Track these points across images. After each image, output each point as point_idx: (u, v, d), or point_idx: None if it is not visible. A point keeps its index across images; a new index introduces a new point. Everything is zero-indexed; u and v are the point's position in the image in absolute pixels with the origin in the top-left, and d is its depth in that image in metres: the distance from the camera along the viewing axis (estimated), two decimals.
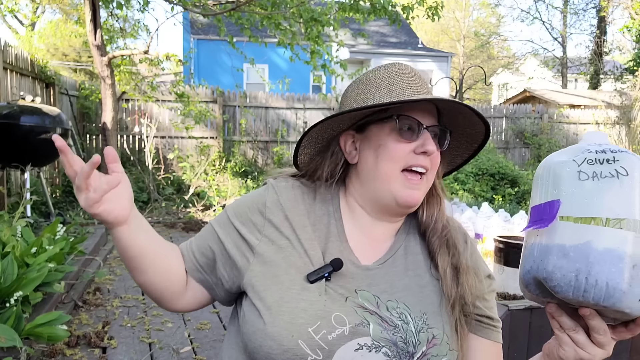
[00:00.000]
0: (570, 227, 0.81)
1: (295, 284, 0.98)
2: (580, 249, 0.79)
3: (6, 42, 6.72)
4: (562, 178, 0.84)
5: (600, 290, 0.77)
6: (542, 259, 0.83)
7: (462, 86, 26.11)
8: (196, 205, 8.65)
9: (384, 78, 1.06)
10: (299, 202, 1.08)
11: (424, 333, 0.98)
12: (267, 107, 11.18)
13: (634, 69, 15.01)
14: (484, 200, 9.05)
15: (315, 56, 8.16)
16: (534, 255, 0.85)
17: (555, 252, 0.81)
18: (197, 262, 1.11)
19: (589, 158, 0.84)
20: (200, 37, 16.61)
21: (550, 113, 12.65)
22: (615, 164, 0.82)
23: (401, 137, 1.02)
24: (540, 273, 0.82)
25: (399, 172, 1.02)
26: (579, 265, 0.78)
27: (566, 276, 0.79)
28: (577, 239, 0.80)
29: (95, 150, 10.00)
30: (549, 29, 32.60)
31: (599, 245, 0.78)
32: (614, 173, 0.81)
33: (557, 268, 0.80)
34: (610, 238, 0.78)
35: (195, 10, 7.72)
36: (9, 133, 5.70)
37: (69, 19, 21.92)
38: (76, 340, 3.33)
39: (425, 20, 8.12)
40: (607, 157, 0.83)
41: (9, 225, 3.99)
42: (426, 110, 1.04)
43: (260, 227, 1.05)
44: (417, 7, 7.63)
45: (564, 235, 0.81)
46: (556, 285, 0.80)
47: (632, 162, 0.82)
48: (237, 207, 1.11)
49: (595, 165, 0.83)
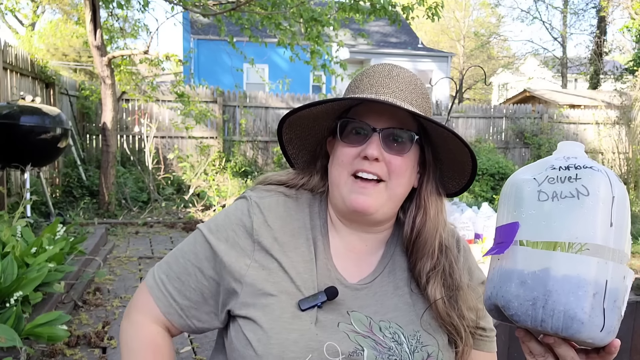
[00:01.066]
0: (528, 252, 0.75)
1: (286, 312, 0.94)
2: (538, 276, 0.73)
3: (6, 42, 6.72)
4: (522, 199, 0.78)
5: (558, 321, 0.71)
6: (501, 286, 0.77)
7: (462, 86, 26.13)
8: (196, 205, 8.65)
9: (357, 77, 1.03)
10: (286, 220, 1.03)
11: (418, 353, 0.96)
12: (267, 107, 11.18)
13: (634, 69, 15.00)
14: (484, 200, 9.05)
15: (315, 56, 8.16)
16: (494, 281, 0.79)
17: (514, 278, 0.75)
18: (179, 309, 1.03)
19: (551, 176, 0.77)
20: (200, 37, 16.61)
21: (550, 113, 12.65)
22: (577, 182, 0.74)
23: (347, 141, 0.98)
24: (499, 300, 0.77)
25: (347, 177, 0.98)
26: (536, 293, 0.72)
27: (523, 305, 0.73)
28: (535, 266, 0.74)
29: (95, 151, 10.00)
30: (549, 29, 32.60)
31: (558, 273, 0.72)
32: (575, 193, 0.73)
33: (515, 296, 0.74)
34: (569, 264, 0.71)
35: (195, 10, 7.72)
36: (9, 133, 5.70)
37: (69, 19, 21.92)
38: (76, 340, 3.33)
39: (425, 20, 8.12)
40: (569, 174, 0.75)
41: (9, 225, 3.99)
42: (384, 113, 0.98)
43: (249, 252, 0.99)
44: (417, 7, 7.63)
45: (522, 261, 0.75)
46: (514, 314, 0.75)
47: (595, 180, 0.73)
48: (219, 230, 1.03)
49: (556, 184, 0.75)
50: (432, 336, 0.98)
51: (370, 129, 0.96)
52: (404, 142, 0.98)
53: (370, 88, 0.98)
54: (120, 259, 5.56)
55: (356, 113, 0.99)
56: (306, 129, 1.07)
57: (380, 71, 1.01)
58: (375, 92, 0.98)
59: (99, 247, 5.65)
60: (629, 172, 11.51)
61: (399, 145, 0.98)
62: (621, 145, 11.65)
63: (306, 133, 1.08)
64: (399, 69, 1.02)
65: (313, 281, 0.98)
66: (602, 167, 0.76)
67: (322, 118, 1.05)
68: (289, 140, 1.10)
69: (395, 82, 0.99)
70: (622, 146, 11.65)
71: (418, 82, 1.02)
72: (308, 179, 1.08)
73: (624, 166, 11.64)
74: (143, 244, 6.47)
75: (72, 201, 8.39)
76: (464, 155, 1.00)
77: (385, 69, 1.01)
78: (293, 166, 1.14)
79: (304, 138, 1.10)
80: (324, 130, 1.08)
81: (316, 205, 1.07)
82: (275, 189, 1.07)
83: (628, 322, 2.46)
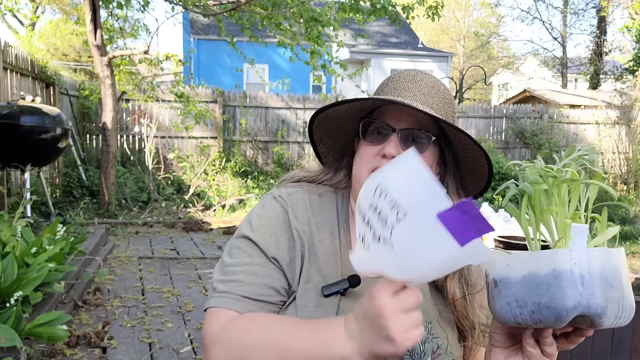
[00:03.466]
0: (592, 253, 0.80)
1: (310, 300, 0.98)
2: (613, 272, 0.78)
3: (6, 42, 6.72)
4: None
5: (625, 312, 0.78)
6: (591, 292, 0.79)
7: (462, 86, 26.11)
8: (196, 205, 8.65)
9: (384, 82, 1.10)
10: (311, 215, 1.08)
11: (429, 343, 1.00)
12: (267, 107, 11.18)
13: (634, 69, 15.00)
14: (484, 200, 9.05)
15: (315, 56, 8.16)
16: (573, 288, 0.79)
17: (596, 283, 0.78)
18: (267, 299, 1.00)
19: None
20: (200, 37, 16.61)
21: (550, 113, 12.65)
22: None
23: (369, 140, 1.05)
24: (591, 310, 0.78)
25: (367, 174, 1.02)
26: (618, 292, 0.77)
27: (613, 307, 0.77)
28: (602, 264, 0.78)
29: (95, 151, 10.00)
30: (549, 29, 32.57)
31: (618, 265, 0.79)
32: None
33: (606, 300, 0.77)
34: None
35: (195, 10, 7.72)
36: (9, 133, 5.70)
37: (69, 19, 21.91)
38: (76, 340, 3.33)
39: (425, 20, 8.13)
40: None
41: (9, 225, 3.99)
42: (405, 115, 1.03)
43: (290, 245, 1.03)
44: (417, 7, 7.63)
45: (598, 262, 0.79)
46: (605, 321, 0.78)
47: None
48: (259, 229, 1.04)
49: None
50: (443, 329, 1.03)
51: (390, 129, 1.02)
52: (422, 143, 1.03)
53: (393, 91, 1.05)
54: (120, 259, 5.56)
55: (378, 114, 1.06)
56: (336, 128, 1.15)
57: (405, 76, 1.07)
58: (397, 95, 1.04)
59: (99, 247, 5.65)
60: (629, 172, 11.52)
61: (417, 145, 1.02)
62: (621, 145, 11.65)
63: (336, 132, 1.16)
64: (423, 74, 1.08)
65: (337, 271, 1.02)
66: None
67: (349, 119, 1.12)
68: (320, 139, 1.17)
69: (417, 86, 1.05)
70: (622, 146, 11.65)
71: (441, 88, 1.07)
72: (333, 174, 1.15)
73: (624, 166, 11.65)
74: (143, 244, 6.47)
75: (72, 201, 8.39)
76: (481, 159, 1.06)
77: (410, 74, 1.08)
78: (323, 163, 1.20)
79: (334, 137, 1.17)
80: (352, 130, 1.15)
81: (339, 202, 1.13)
82: (299, 186, 1.13)
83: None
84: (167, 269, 5.34)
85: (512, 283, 0.79)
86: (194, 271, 5.28)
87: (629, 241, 7.26)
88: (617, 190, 10.96)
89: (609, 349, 2.45)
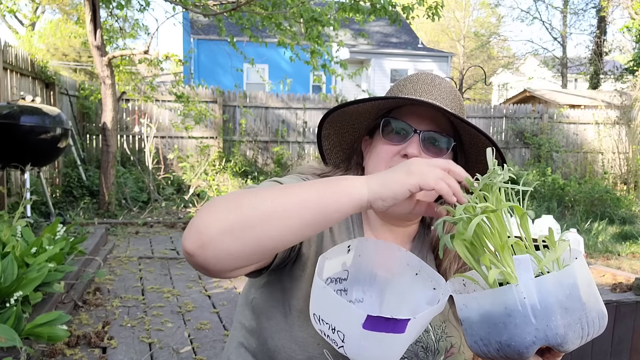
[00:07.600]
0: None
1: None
2: (572, 295, 0.75)
3: (6, 42, 6.72)
4: None
5: (595, 326, 0.76)
6: (547, 324, 0.77)
7: (462, 86, 26.09)
8: (196, 206, 8.65)
9: (400, 83, 1.08)
10: None
11: (443, 342, 1.01)
12: (267, 107, 11.18)
13: (634, 69, 14.99)
14: None
15: (316, 56, 8.16)
16: (527, 325, 0.77)
17: (555, 310, 0.75)
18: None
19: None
20: (200, 37, 16.62)
21: (550, 113, 12.64)
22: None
23: (388, 139, 1.03)
24: (551, 340, 0.76)
25: None
26: (578, 313, 0.75)
27: (575, 330, 0.75)
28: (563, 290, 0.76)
29: (95, 151, 10.00)
30: (549, 29, 32.53)
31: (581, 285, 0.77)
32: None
33: (565, 326, 0.75)
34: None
35: (195, 10, 7.71)
36: (9, 133, 5.70)
37: (69, 19, 21.93)
38: (76, 340, 3.33)
39: (425, 20, 8.13)
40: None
41: (9, 225, 3.99)
42: (426, 117, 1.03)
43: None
44: (417, 7, 7.63)
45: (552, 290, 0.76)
46: (569, 347, 0.76)
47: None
48: (289, 181, 1.04)
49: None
50: (456, 329, 1.04)
51: (412, 129, 1.01)
52: (442, 147, 1.03)
53: (414, 93, 1.03)
54: (120, 259, 5.56)
55: (399, 114, 1.04)
56: (345, 125, 1.13)
57: (423, 79, 1.06)
58: (419, 96, 1.02)
59: (99, 247, 5.65)
60: (629, 172, 11.52)
61: (437, 149, 1.02)
62: (621, 145, 11.65)
63: (344, 130, 1.14)
64: (440, 78, 1.07)
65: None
66: None
67: (363, 117, 1.10)
68: (327, 135, 1.14)
69: (437, 90, 1.04)
70: (622, 146, 11.65)
71: (457, 93, 1.08)
72: (342, 173, 1.13)
73: (624, 166, 11.65)
74: (143, 244, 6.47)
75: (72, 201, 8.39)
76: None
77: (429, 77, 1.07)
78: (325, 161, 1.18)
79: (341, 135, 1.15)
80: (362, 129, 1.13)
81: None
82: (312, 177, 1.10)
83: (628, 322, 2.46)
84: (167, 269, 5.34)
85: (473, 322, 0.78)
86: (194, 271, 5.27)
87: (629, 241, 7.25)
88: (617, 190, 10.95)
89: (609, 349, 2.45)
